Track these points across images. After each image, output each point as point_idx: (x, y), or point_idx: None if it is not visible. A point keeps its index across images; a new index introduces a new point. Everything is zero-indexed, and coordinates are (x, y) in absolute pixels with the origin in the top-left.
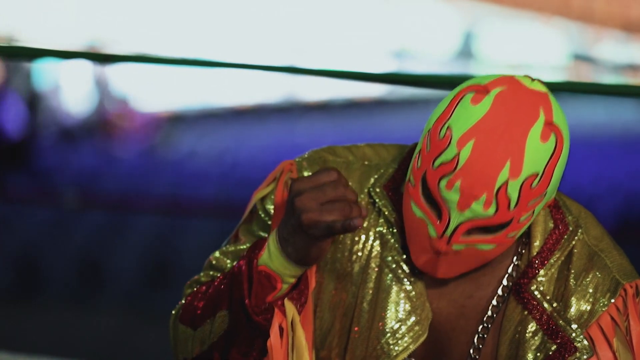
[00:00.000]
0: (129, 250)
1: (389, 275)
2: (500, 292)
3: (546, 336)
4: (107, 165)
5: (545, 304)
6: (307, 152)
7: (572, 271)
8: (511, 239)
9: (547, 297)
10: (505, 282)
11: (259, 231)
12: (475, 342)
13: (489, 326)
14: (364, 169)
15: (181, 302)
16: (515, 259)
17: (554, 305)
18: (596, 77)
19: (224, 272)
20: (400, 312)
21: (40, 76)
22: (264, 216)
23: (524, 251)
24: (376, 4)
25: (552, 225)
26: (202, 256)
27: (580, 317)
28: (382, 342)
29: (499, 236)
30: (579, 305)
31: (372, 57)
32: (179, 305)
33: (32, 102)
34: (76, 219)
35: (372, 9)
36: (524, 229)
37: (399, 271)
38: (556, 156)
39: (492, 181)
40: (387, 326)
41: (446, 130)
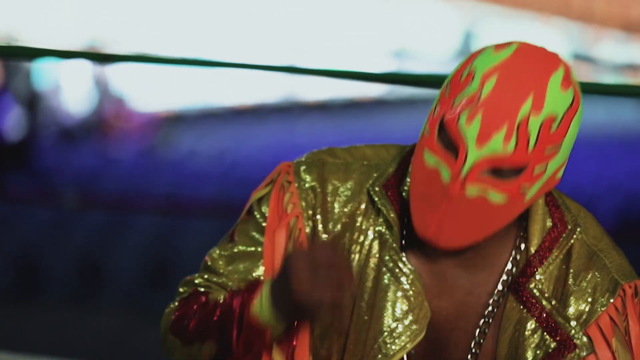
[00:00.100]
0: (129, 250)
1: (387, 274)
2: (500, 286)
3: (545, 334)
4: (107, 165)
5: (544, 302)
6: (306, 154)
7: (571, 270)
8: (521, 198)
9: (546, 295)
10: (505, 277)
11: (254, 232)
12: (476, 337)
13: (490, 321)
14: (364, 169)
15: (174, 305)
16: (514, 253)
17: (553, 303)
18: (596, 77)
19: (218, 284)
20: (397, 312)
21: (40, 76)
22: (259, 217)
23: (523, 246)
24: (376, 4)
25: (551, 223)
26: (202, 256)
27: (579, 317)
28: (380, 341)
29: (512, 185)
30: (578, 305)
31: (372, 57)
32: (170, 309)
33: (32, 102)
34: (76, 219)
35: (372, 9)
36: (535, 188)
37: (397, 270)
38: (574, 109)
39: (515, 113)
40: (385, 325)
41: (469, 71)
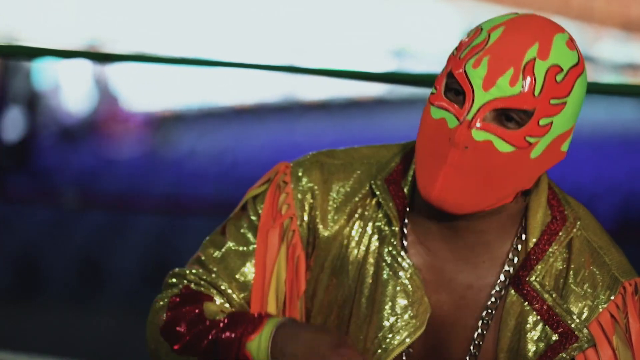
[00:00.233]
0: (129, 250)
1: (386, 269)
2: (502, 277)
3: (547, 327)
4: (107, 165)
5: (545, 295)
6: (305, 156)
7: (572, 266)
8: (527, 153)
9: (547, 288)
10: (506, 267)
11: (245, 229)
12: (478, 330)
13: (493, 312)
14: (365, 167)
15: (164, 301)
16: (514, 243)
17: (554, 296)
18: (596, 77)
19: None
20: (397, 307)
21: (40, 76)
22: (252, 215)
23: (523, 237)
24: (376, 4)
25: (550, 217)
26: None
27: (579, 314)
28: (379, 336)
29: (518, 135)
30: (578, 302)
31: (372, 57)
32: (160, 306)
33: (32, 102)
34: (76, 219)
35: (372, 9)
36: (540, 146)
37: (396, 265)
38: (579, 69)
39: (520, 56)
40: (384, 320)
41: (475, 30)
